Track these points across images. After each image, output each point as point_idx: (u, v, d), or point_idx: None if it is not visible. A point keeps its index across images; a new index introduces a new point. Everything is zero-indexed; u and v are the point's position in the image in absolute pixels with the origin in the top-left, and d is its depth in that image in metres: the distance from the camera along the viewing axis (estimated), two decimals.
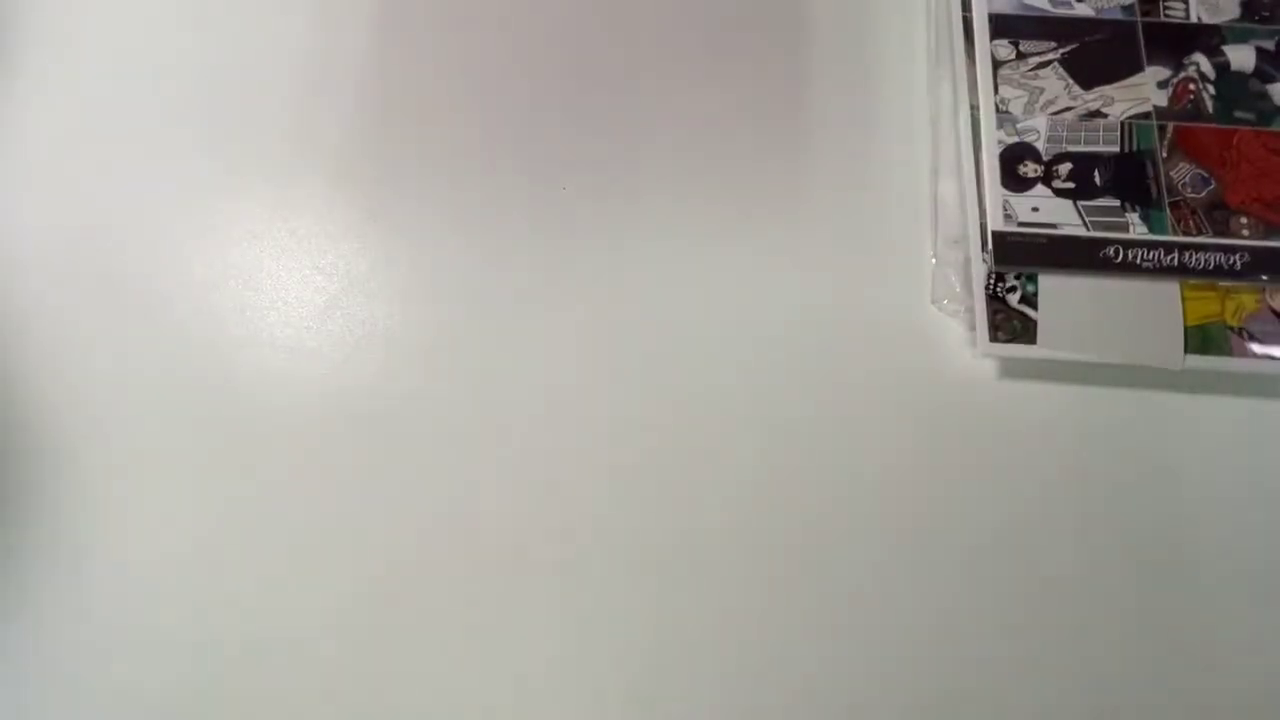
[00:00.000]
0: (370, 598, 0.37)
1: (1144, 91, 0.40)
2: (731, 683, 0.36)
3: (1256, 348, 0.37)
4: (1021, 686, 0.35)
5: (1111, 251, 0.38)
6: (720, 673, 0.36)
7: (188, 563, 0.37)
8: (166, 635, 0.36)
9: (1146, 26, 0.41)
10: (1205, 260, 0.38)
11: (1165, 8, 0.42)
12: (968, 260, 0.39)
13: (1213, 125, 0.40)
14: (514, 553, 0.37)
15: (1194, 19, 0.41)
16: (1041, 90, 0.41)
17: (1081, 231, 0.39)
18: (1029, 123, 0.40)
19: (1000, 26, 0.42)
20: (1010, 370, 0.39)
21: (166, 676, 0.36)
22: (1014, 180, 0.39)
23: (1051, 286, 0.38)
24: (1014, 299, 0.38)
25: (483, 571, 0.37)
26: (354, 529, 0.37)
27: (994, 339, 0.38)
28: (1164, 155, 0.40)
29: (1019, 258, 0.38)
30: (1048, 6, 0.42)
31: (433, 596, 0.37)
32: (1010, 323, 0.38)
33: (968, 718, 0.35)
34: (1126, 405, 0.38)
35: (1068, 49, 0.41)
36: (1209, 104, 0.40)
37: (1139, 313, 0.38)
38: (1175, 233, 0.38)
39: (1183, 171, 0.39)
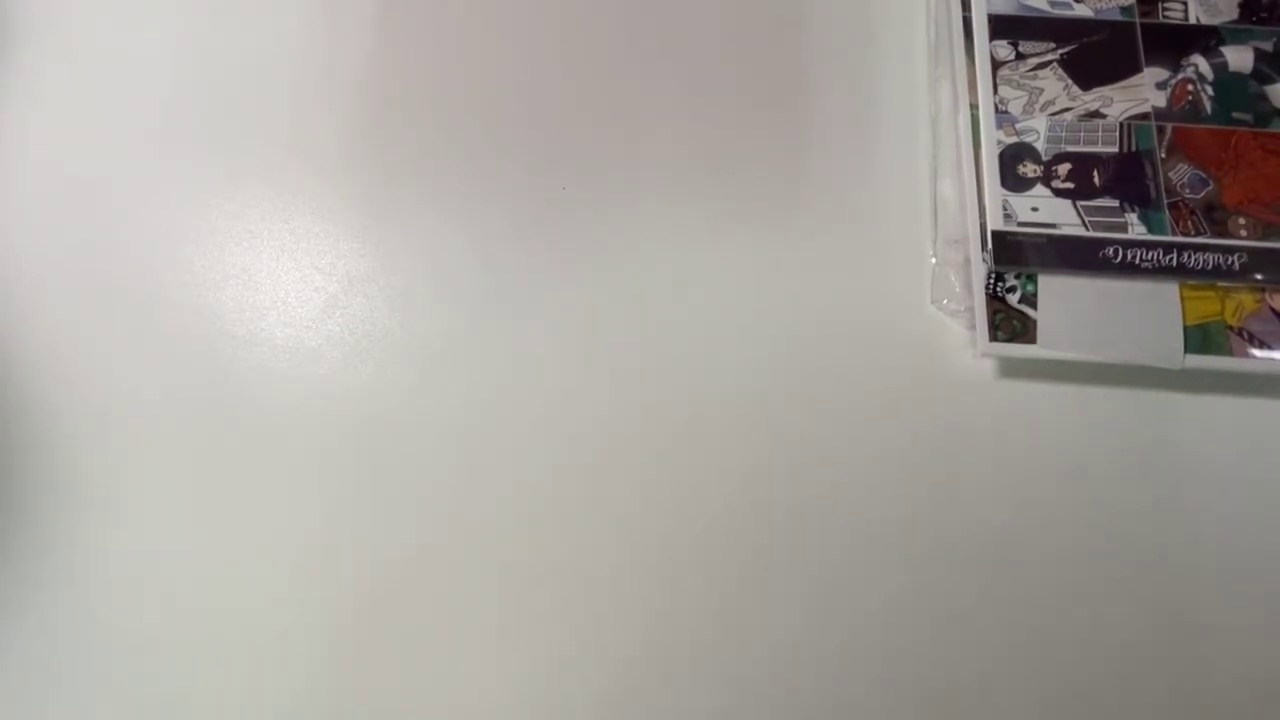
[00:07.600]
0: (369, 597, 0.36)
1: (1142, 92, 0.41)
2: (732, 682, 0.36)
3: (1256, 348, 0.37)
4: (1021, 685, 0.35)
5: (1111, 251, 0.38)
6: (721, 672, 0.36)
7: (186, 562, 0.37)
8: (165, 635, 0.36)
9: (1145, 28, 0.41)
10: (1204, 260, 0.38)
11: (1164, 9, 0.42)
12: (968, 260, 0.39)
13: (1211, 126, 0.40)
14: (513, 552, 0.37)
15: (1192, 20, 0.42)
16: (1041, 91, 0.41)
17: (1081, 231, 0.39)
18: (1028, 123, 0.40)
19: (1000, 27, 0.42)
20: (1010, 370, 0.39)
21: (164, 677, 0.36)
22: (1013, 180, 0.39)
23: (1051, 286, 0.38)
24: (1014, 299, 0.38)
25: (481, 571, 0.37)
26: (353, 528, 0.37)
27: (994, 339, 0.38)
28: (1162, 156, 0.40)
29: (1019, 258, 0.38)
30: (1046, 7, 0.42)
31: (431, 596, 0.36)
32: (1010, 322, 0.38)
33: (968, 716, 0.35)
34: (1126, 405, 0.38)
35: (1067, 50, 0.41)
36: (1207, 105, 0.40)
37: (1139, 313, 0.38)
38: (1174, 233, 0.38)
39: (1181, 172, 0.39)
